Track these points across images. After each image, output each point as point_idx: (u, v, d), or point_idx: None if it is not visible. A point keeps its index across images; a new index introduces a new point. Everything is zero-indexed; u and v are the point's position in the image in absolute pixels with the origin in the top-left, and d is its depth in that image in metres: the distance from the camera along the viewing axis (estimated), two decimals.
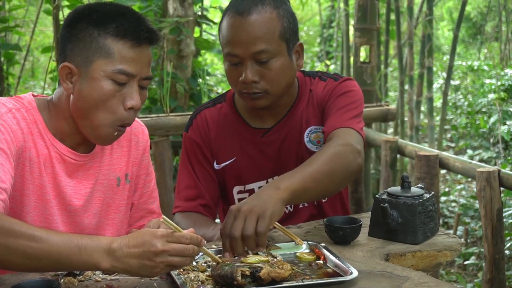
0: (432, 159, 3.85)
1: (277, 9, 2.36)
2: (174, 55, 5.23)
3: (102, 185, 2.22)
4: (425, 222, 2.17)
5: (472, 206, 6.54)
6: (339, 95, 2.51)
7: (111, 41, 1.99)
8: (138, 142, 2.34)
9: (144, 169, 2.37)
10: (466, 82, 12.59)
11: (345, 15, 7.59)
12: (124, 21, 2.01)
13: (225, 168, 2.58)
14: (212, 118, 2.59)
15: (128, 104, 2.02)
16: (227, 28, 2.36)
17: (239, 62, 2.35)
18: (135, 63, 2.01)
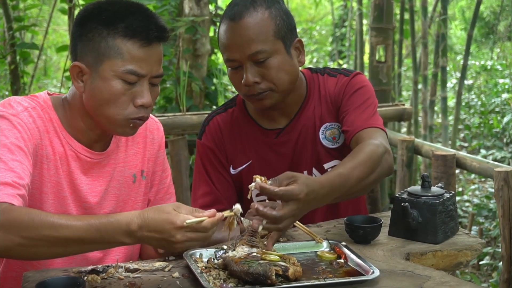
0: (449, 159, 3.84)
1: (269, 9, 2.37)
2: (190, 54, 5.25)
3: (117, 182, 2.24)
4: (446, 221, 2.17)
5: (486, 206, 6.52)
6: (353, 91, 2.52)
7: (121, 41, 2.00)
8: (154, 138, 2.36)
9: (160, 165, 2.39)
10: (479, 82, 12.55)
11: (359, 15, 7.58)
12: (133, 20, 2.02)
13: (242, 172, 2.58)
14: (225, 123, 2.59)
15: (138, 102, 2.03)
16: (223, 35, 2.38)
17: (238, 65, 2.37)
18: (145, 63, 2.02)
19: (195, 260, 1.95)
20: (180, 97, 4.36)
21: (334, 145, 2.55)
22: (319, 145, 2.54)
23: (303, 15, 16.36)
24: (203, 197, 2.58)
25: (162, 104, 5.69)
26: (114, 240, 1.77)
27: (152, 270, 1.95)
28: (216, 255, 1.99)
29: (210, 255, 2.00)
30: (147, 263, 1.99)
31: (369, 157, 2.21)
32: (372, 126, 2.41)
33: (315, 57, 14.23)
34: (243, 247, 1.98)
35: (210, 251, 2.02)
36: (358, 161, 2.20)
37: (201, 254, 2.00)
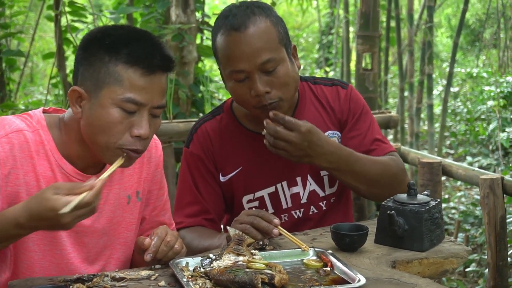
0: (435, 166, 3.86)
1: (268, 17, 2.36)
2: (176, 62, 5.22)
3: (111, 205, 2.19)
4: (432, 229, 2.18)
5: (472, 213, 6.54)
6: (360, 111, 2.60)
7: (122, 68, 1.93)
8: (151, 157, 2.30)
9: (156, 184, 2.34)
10: (465, 89, 12.61)
11: (345, 22, 7.62)
12: (137, 47, 1.95)
13: (232, 179, 2.55)
14: (214, 130, 2.56)
15: (135, 132, 1.96)
16: (227, 46, 2.32)
17: (246, 77, 2.32)
18: (146, 92, 1.94)
19: (181, 268, 1.95)
20: (166, 104, 4.36)
21: None
22: None
23: (290, 23, 16.40)
24: (190, 206, 2.56)
25: None
26: (10, 234, 1.84)
27: (138, 278, 1.94)
28: (203, 264, 1.99)
29: (196, 264, 2.00)
30: (133, 272, 1.99)
31: (390, 169, 2.42)
32: (392, 151, 2.61)
33: (302, 64, 14.27)
34: (229, 256, 1.98)
35: (196, 260, 2.02)
36: (380, 162, 2.46)
37: (187, 262, 2.00)
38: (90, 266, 2.18)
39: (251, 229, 2.14)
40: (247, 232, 2.13)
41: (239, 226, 2.17)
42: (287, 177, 2.53)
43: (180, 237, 2.54)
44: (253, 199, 2.56)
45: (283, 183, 2.55)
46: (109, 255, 2.23)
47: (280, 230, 2.15)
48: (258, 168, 2.54)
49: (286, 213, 2.56)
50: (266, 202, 2.55)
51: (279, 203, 2.56)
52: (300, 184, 2.56)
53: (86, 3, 5.00)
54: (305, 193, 2.57)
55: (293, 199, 2.56)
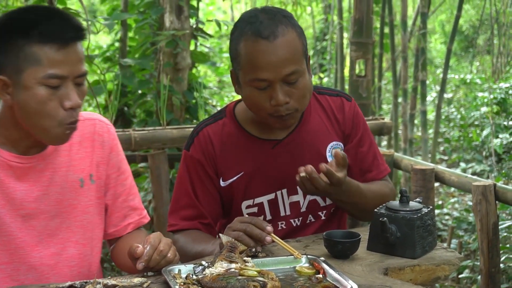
0: (428, 173, 3.87)
1: (294, 27, 2.34)
2: (170, 68, 5.24)
3: (59, 187, 2.21)
4: (424, 236, 2.19)
5: (465, 219, 6.55)
6: (363, 128, 2.65)
7: (37, 47, 1.98)
8: (104, 141, 2.33)
9: (114, 168, 2.36)
10: (459, 95, 12.64)
11: (339, 28, 7.64)
12: (46, 25, 2.00)
13: (232, 184, 2.53)
14: (215, 134, 2.54)
15: (66, 105, 2.02)
16: (253, 54, 2.30)
17: (267, 86, 2.31)
18: (65, 64, 2.00)
19: (173, 276, 1.94)
20: (160, 111, 4.35)
21: None
22: (324, 162, 2.48)
23: None
24: (186, 209, 2.55)
25: (143, 118, 5.68)
26: None
27: (131, 286, 1.94)
28: (195, 271, 1.99)
29: (189, 271, 2.00)
30: (125, 279, 1.98)
31: (387, 199, 2.43)
32: (386, 174, 2.71)
33: None
34: (221, 263, 1.99)
35: (188, 267, 2.02)
36: (379, 194, 2.56)
37: (180, 270, 1.99)
38: (45, 249, 2.19)
39: (243, 236, 2.14)
40: (239, 239, 2.13)
41: (232, 233, 2.17)
42: (287, 185, 2.53)
43: (173, 240, 2.55)
44: (252, 205, 2.55)
45: (283, 191, 2.55)
46: (67, 238, 2.24)
47: (272, 237, 2.15)
48: (260, 174, 2.53)
49: (284, 220, 2.57)
50: (265, 208, 2.55)
51: (278, 210, 2.56)
52: (301, 193, 2.55)
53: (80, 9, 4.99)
54: (305, 202, 2.57)
55: (292, 207, 2.56)
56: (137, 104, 5.84)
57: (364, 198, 2.49)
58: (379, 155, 2.70)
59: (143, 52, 5.61)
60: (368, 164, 2.64)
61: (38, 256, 2.18)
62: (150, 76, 5.65)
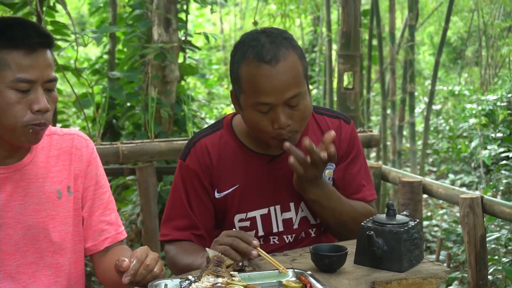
0: (416, 185, 3.88)
1: (295, 49, 2.35)
2: (159, 81, 5.24)
3: (36, 197, 2.22)
4: (411, 249, 2.19)
5: (454, 230, 6.57)
6: (355, 152, 2.65)
7: (5, 53, 2.03)
8: (82, 155, 2.35)
9: (91, 181, 2.37)
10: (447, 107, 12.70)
11: (328, 41, 7.66)
12: (13, 31, 2.05)
13: (227, 196, 2.53)
14: (213, 145, 2.54)
15: (35, 108, 2.06)
16: (255, 78, 2.30)
17: (269, 109, 2.32)
18: (33, 69, 2.05)
19: None
20: (148, 123, 4.35)
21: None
22: None
23: None
24: (179, 219, 2.54)
25: (131, 130, 5.67)
26: None
27: None
28: (182, 286, 1.98)
29: (175, 286, 1.99)
30: None
31: (362, 218, 2.39)
32: (374, 198, 2.70)
33: None
34: (208, 277, 1.98)
35: (175, 282, 2.01)
36: (357, 210, 2.56)
37: (166, 284, 1.99)
38: (22, 258, 2.20)
39: (230, 251, 2.14)
40: (226, 253, 2.13)
41: (218, 247, 2.16)
42: (281, 201, 2.53)
43: (165, 250, 2.54)
44: (245, 219, 2.54)
45: (276, 207, 2.54)
46: (45, 248, 2.25)
47: (259, 251, 2.15)
48: (254, 188, 2.52)
49: (277, 236, 2.56)
50: (258, 223, 2.54)
51: (270, 226, 2.55)
52: (293, 210, 2.56)
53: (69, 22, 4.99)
54: (297, 219, 2.57)
55: (286, 224, 2.56)
56: (126, 116, 5.84)
57: (341, 206, 2.50)
58: (368, 180, 2.69)
59: (132, 65, 5.62)
60: (355, 187, 2.63)
61: (15, 265, 2.18)
62: (138, 89, 5.65)
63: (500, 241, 5.05)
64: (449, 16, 7.50)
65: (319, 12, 10.50)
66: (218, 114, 10.42)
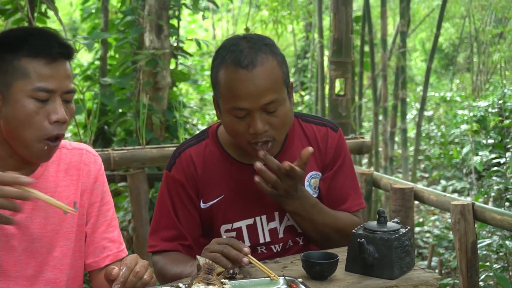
0: (407, 192, 3.88)
1: (275, 55, 2.34)
2: (150, 87, 5.24)
3: (43, 211, 2.21)
4: (402, 257, 2.18)
5: (446, 236, 6.58)
6: (342, 160, 2.63)
7: (25, 61, 2.03)
8: (89, 171, 2.35)
9: (97, 198, 2.36)
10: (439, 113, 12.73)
11: (320, 47, 7.67)
12: (34, 40, 2.05)
13: (212, 207, 2.52)
14: (198, 156, 2.53)
15: (53, 118, 2.05)
16: (231, 83, 2.30)
17: (246, 114, 2.31)
18: (53, 79, 2.05)
19: None
20: (139, 130, 4.34)
21: (315, 194, 2.58)
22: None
23: None
24: (167, 230, 2.53)
25: (123, 137, 5.66)
26: None
27: None
28: None
29: None
30: None
31: (346, 229, 2.44)
32: (361, 208, 2.68)
33: None
34: (199, 285, 1.97)
35: None
36: (340, 222, 2.54)
37: None
38: (22, 270, 2.19)
39: (221, 258, 2.13)
40: (217, 261, 2.12)
41: (209, 254, 2.16)
42: (266, 211, 2.53)
43: (153, 261, 2.53)
44: (231, 229, 2.53)
45: (262, 217, 2.54)
46: (45, 262, 2.24)
47: (250, 258, 2.14)
48: (240, 198, 2.52)
49: (264, 246, 2.56)
50: (244, 233, 2.54)
51: (257, 236, 2.54)
52: (277, 219, 2.55)
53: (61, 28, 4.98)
54: (281, 228, 2.56)
55: (272, 234, 2.55)
56: (117, 123, 5.83)
57: (322, 218, 2.49)
58: (355, 189, 2.68)
59: (123, 71, 5.61)
60: (341, 196, 2.62)
61: (14, 276, 2.17)
62: (130, 95, 5.64)
63: (491, 248, 5.04)
64: (441, 23, 7.53)
65: (311, 18, 10.53)
66: (210, 120, 10.42)
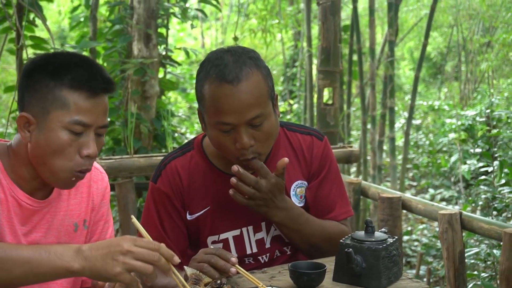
0: (395, 201, 3.89)
1: (260, 69, 2.32)
2: (139, 96, 5.23)
3: (56, 231, 2.21)
4: (389, 267, 2.19)
5: (434, 245, 6.59)
6: (328, 168, 2.62)
7: (67, 92, 2.01)
8: (98, 188, 2.35)
9: (102, 216, 2.37)
10: (427, 122, 12.77)
11: (308, 56, 7.69)
12: (79, 72, 2.03)
13: (199, 218, 2.51)
14: (183, 167, 2.52)
15: (84, 153, 2.04)
16: (216, 98, 2.28)
17: (231, 129, 2.30)
18: (91, 113, 2.03)
19: None
20: (127, 139, 4.34)
21: (301, 203, 2.57)
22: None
23: None
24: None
25: (111, 146, 5.64)
26: (61, 262, 1.78)
27: None
28: None
29: None
30: None
31: (334, 238, 2.44)
32: (348, 216, 2.68)
33: None
34: None
35: None
36: (327, 231, 2.53)
37: None
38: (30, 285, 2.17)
39: (208, 268, 2.13)
40: (204, 271, 2.12)
41: (196, 265, 2.15)
42: (253, 221, 2.52)
43: None
44: (218, 241, 2.52)
45: (248, 228, 2.53)
46: (52, 281, 2.20)
47: (237, 268, 2.14)
48: (226, 209, 2.51)
49: (251, 256, 2.55)
50: (230, 245, 2.53)
51: (243, 247, 2.54)
52: (264, 229, 2.55)
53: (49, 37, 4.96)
54: (268, 238, 2.55)
55: (259, 244, 2.55)
56: None
57: (309, 228, 2.49)
58: (342, 197, 2.67)
59: None
60: (328, 205, 2.61)
61: None
62: (118, 104, 5.63)
63: (479, 256, 5.06)
64: (429, 32, 7.57)
65: (299, 27, 10.55)
66: (199, 129, 10.41)
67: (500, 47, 10.48)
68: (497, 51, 10.91)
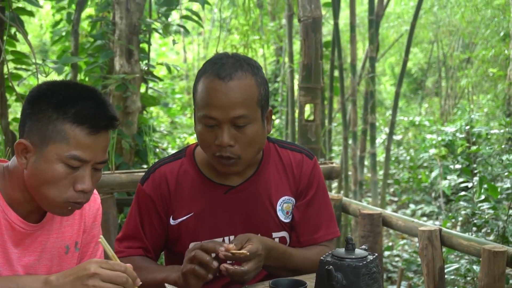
0: (376, 218, 3.90)
1: (255, 76, 2.39)
2: (120, 112, 5.22)
3: (49, 253, 2.20)
4: (369, 284, 2.19)
5: (415, 261, 6.62)
6: (316, 189, 2.65)
7: (69, 127, 1.99)
8: (90, 210, 2.34)
9: (93, 237, 2.36)
10: (408, 137, 12.85)
11: (290, 71, 7.72)
12: (84, 107, 2.01)
13: (181, 223, 2.55)
14: (172, 173, 2.57)
15: (78, 187, 2.02)
16: (206, 91, 2.36)
17: (215, 124, 2.36)
18: (90, 150, 2.01)
19: None
20: (109, 155, 4.33)
21: (287, 219, 2.60)
22: (273, 215, 2.58)
23: None
24: (133, 240, 2.58)
25: None
26: None
27: None
28: None
29: None
30: None
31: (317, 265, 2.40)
32: (334, 236, 2.69)
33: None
34: None
35: None
36: (310, 260, 2.53)
37: None
38: None
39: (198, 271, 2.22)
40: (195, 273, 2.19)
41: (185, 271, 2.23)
42: (236, 232, 2.53)
43: None
44: None
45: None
46: None
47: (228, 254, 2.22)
48: (209, 217, 2.54)
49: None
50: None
51: None
52: None
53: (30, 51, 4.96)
54: None
55: None
56: None
57: (293, 262, 2.51)
58: (330, 218, 2.70)
59: None
60: (315, 225, 2.64)
61: None
62: None
63: (459, 272, 5.09)
64: (409, 48, 7.63)
65: (281, 42, 10.59)
66: (181, 143, 10.41)
67: (479, 63, 10.60)
68: (477, 67, 11.03)
